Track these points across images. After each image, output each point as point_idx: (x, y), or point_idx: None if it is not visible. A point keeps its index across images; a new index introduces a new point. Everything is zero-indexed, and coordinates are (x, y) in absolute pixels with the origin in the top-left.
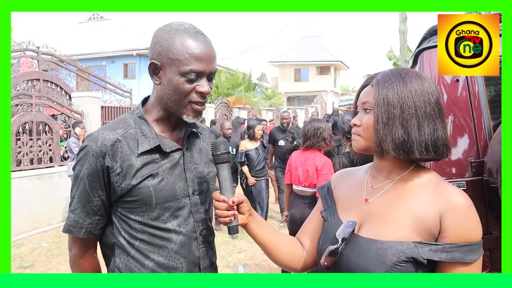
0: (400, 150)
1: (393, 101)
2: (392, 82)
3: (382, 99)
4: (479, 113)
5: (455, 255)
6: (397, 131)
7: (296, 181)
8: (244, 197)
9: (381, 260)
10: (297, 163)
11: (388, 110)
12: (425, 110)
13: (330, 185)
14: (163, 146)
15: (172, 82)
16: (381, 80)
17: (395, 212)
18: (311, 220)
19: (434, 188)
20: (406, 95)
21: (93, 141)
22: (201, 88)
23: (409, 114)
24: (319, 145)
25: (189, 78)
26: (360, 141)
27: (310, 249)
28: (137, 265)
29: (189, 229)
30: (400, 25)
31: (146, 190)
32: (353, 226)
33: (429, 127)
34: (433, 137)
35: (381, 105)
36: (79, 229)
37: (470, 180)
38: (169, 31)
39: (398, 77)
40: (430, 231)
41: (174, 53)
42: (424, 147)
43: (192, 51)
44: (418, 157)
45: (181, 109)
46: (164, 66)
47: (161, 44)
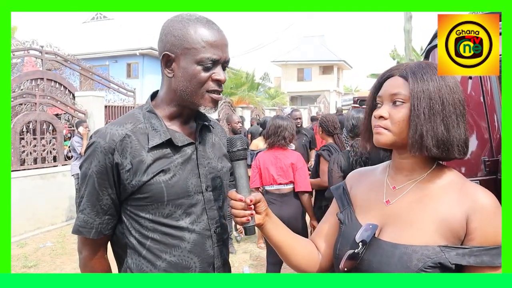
0: (441, 148)
1: (434, 95)
2: (430, 75)
3: (421, 91)
4: (492, 111)
5: (484, 259)
6: (439, 127)
7: (270, 181)
8: (261, 196)
9: (405, 265)
10: (267, 164)
11: (430, 104)
12: (460, 108)
13: (346, 186)
14: (174, 140)
15: (188, 72)
16: (417, 71)
17: (419, 214)
18: (326, 222)
19: (459, 189)
20: (446, 91)
21: (101, 137)
22: (217, 75)
23: (450, 110)
24: (279, 143)
25: (206, 66)
26: (388, 135)
27: (326, 252)
28: (149, 266)
29: (202, 227)
30: (405, 24)
31: (157, 187)
32: (374, 229)
33: (463, 126)
34: (465, 136)
35: (420, 98)
36: (89, 230)
37: (484, 179)
38: (181, 21)
39: (434, 71)
40: (456, 234)
41: (189, 42)
42: (462, 146)
43: (207, 39)
44: (457, 156)
45: (198, 100)
46: (178, 57)
47: (174, 34)
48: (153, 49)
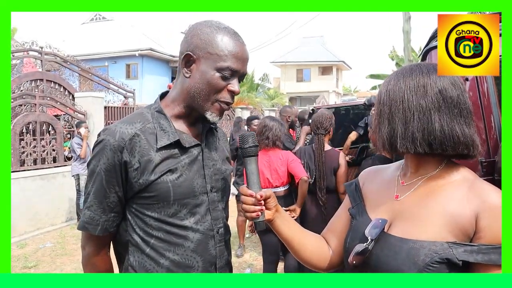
0: (387, 145)
1: (383, 99)
2: (386, 83)
3: (378, 101)
4: (489, 112)
5: (492, 257)
6: (385, 127)
7: (266, 184)
8: (271, 192)
9: (413, 260)
10: (261, 167)
11: (379, 108)
12: (416, 103)
13: (358, 182)
14: (182, 141)
15: (206, 76)
16: (386, 81)
17: (428, 210)
18: (338, 217)
19: (469, 186)
20: (409, 91)
21: (110, 135)
22: (232, 87)
23: (396, 108)
24: (263, 143)
25: (224, 75)
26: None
27: (337, 248)
28: (152, 264)
29: (206, 227)
30: (404, 25)
31: (164, 186)
32: (383, 224)
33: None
34: (426, 130)
35: (376, 106)
36: (95, 226)
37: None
38: (210, 27)
39: (394, 76)
40: (465, 231)
41: (213, 48)
42: (411, 140)
43: (231, 49)
44: (404, 150)
45: (208, 105)
46: (199, 59)
47: (201, 37)
48: (152, 50)
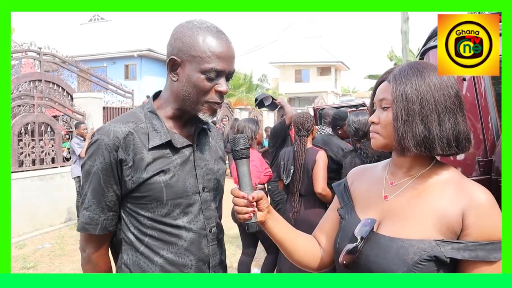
0: (422, 147)
1: (411, 96)
2: (410, 77)
3: (400, 95)
4: (486, 112)
5: (478, 254)
6: (418, 127)
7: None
8: (263, 193)
9: (402, 259)
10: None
11: (407, 106)
12: (445, 104)
13: (347, 182)
14: (174, 142)
15: (192, 79)
16: (398, 75)
17: (416, 209)
18: (328, 218)
19: (456, 185)
20: (425, 90)
21: (105, 134)
22: (219, 87)
23: (429, 109)
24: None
25: (209, 76)
26: (379, 139)
27: (327, 248)
28: (146, 261)
29: (199, 226)
30: (402, 25)
31: (157, 186)
32: (372, 224)
33: (450, 121)
34: (454, 131)
35: (399, 101)
36: (94, 226)
37: (478, 179)
38: (191, 28)
39: (415, 71)
40: (452, 229)
41: (196, 50)
42: (446, 142)
43: (214, 50)
44: (440, 152)
45: (198, 107)
46: (184, 62)
47: (183, 40)
48: (151, 50)
